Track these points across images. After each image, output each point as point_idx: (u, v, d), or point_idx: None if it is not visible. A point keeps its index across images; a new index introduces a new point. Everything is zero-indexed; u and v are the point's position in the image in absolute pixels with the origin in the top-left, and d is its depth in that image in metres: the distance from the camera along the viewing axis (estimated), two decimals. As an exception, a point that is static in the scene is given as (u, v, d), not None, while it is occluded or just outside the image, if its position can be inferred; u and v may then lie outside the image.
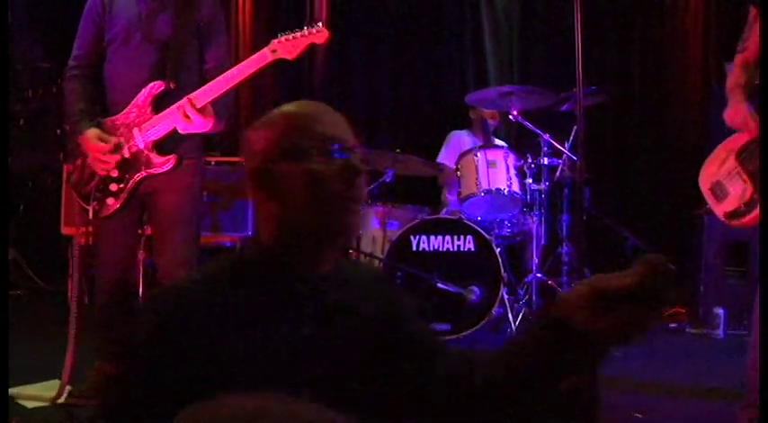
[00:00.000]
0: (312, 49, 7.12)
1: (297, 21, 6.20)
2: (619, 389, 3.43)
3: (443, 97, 6.54)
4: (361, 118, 6.57)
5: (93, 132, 2.97)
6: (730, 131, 2.87)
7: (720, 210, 2.84)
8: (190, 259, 3.08)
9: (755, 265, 4.54)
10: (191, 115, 2.88)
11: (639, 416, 3.09)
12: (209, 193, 5.60)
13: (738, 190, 2.76)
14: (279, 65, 2.84)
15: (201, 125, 2.93)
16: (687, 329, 4.92)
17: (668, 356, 4.31)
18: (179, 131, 2.95)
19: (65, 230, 5.05)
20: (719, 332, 4.76)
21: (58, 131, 3.12)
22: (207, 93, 2.89)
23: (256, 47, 2.98)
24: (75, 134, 3.02)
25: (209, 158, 5.70)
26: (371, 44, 6.75)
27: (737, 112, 2.79)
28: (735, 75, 2.88)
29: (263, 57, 2.86)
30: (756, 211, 2.66)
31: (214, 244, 5.94)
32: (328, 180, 1.33)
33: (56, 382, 3.18)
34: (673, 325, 4.94)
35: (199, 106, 2.88)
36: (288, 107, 1.41)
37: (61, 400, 3.10)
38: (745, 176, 2.75)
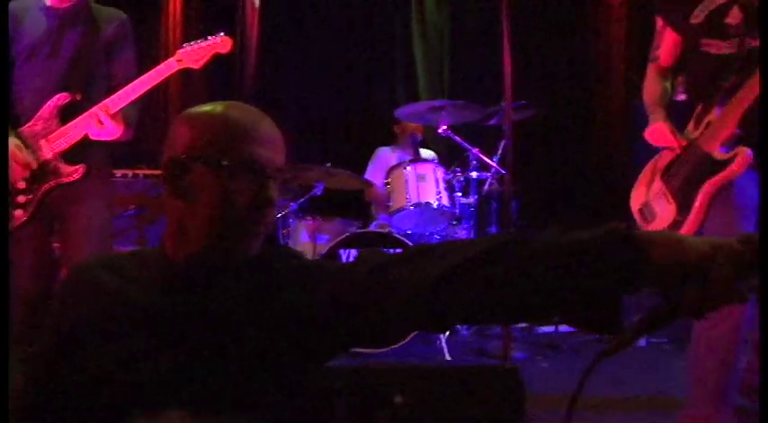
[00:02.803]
0: (242, 60, 7.03)
1: (228, 33, 6.15)
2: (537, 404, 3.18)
3: (374, 111, 6.57)
4: (291, 130, 6.55)
5: (13, 142, 2.95)
6: (653, 147, 2.91)
7: None
8: None
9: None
10: (104, 121, 2.91)
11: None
12: (136, 206, 5.51)
13: (664, 211, 2.76)
14: (209, 75, 2.85)
15: (113, 131, 2.96)
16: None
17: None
18: (90, 137, 2.97)
19: None
20: (642, 341, 4.85)
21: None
22: (120, 99, 2.94)
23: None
24: None
25: (137, 171, 5.62)
26: (303, 57, 6.75)
27: (659, 131, 2.84)
28: (650, 86, 2.95)
29: (170, 66, 2.96)
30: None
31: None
32: (238, 202, 1.28)
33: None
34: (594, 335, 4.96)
35: (112, 112, 2.92)
36: (231, 111, 1.33)
37: None
38: (669, 197, 2.75)
